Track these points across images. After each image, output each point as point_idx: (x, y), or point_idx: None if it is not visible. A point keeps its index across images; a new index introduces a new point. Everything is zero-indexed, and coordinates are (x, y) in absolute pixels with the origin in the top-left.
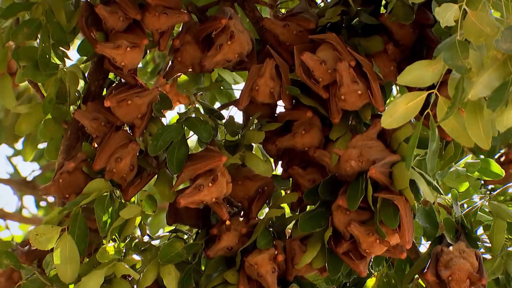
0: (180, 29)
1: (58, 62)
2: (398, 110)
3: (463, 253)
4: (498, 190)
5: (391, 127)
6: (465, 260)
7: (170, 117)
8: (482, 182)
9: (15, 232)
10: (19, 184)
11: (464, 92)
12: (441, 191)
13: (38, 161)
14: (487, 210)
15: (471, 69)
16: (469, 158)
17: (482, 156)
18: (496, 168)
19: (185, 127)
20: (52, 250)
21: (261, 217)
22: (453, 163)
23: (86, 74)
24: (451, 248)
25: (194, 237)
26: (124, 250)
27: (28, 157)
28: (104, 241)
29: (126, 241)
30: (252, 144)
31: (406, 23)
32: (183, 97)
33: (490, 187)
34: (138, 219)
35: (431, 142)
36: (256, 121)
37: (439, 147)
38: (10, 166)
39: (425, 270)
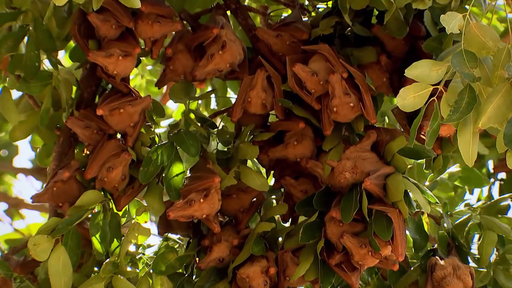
0: (172, 37)
1: (50, 69)
2: (409, 96)
3: (458, 270)
4: (487, 203)
5: (404, 109)
6: (459, 280)
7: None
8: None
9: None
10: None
11: (469, 104)
12: (437, 201)
13: None
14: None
15: (480, 78)
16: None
17: None
18: (477, 176)
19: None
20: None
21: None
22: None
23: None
24: (445, 261)
25: (185, 246)
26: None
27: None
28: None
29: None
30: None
31: (399, 37)
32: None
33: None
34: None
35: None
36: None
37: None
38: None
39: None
